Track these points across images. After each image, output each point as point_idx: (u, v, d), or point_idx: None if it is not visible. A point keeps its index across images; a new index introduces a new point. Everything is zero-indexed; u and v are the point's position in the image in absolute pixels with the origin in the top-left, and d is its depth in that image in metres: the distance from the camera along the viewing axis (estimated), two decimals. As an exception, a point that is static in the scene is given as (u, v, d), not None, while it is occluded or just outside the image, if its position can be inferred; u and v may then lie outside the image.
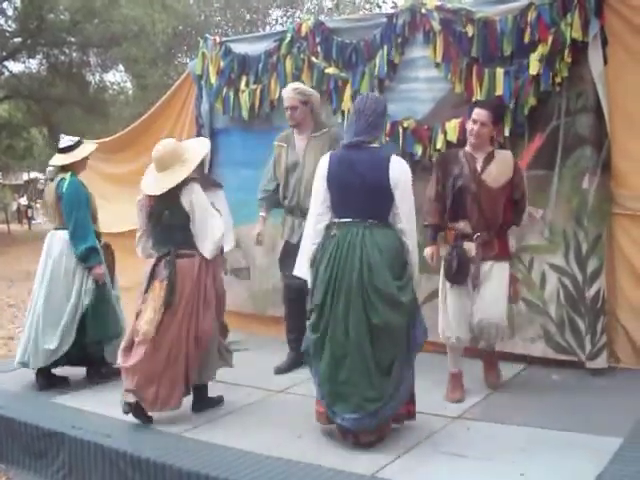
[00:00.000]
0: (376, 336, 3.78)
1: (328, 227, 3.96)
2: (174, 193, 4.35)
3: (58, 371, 5.40)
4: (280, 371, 5.38)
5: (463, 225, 4.50)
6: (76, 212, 5.19)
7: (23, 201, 37.50)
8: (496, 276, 4.50)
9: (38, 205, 39.45)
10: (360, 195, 3.87)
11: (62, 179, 5.28)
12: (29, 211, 34.24)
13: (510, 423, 4.09)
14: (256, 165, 5.68)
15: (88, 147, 5.50)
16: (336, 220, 3.95)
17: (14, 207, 35.83)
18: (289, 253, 5.17)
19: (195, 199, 4.38)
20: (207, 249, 4.40)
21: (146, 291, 4.39)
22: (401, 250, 3.91)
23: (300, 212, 5.15)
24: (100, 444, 4.07)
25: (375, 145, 4.04)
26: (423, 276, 5.34)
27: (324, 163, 4.02)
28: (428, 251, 4.67)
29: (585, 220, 4.93)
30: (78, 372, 5.52)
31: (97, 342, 5.31)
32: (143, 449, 3.93)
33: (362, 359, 3.77)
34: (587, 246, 4.94)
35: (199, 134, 6.93)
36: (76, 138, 5.49)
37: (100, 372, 5.46)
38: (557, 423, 4.02)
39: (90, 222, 5.30)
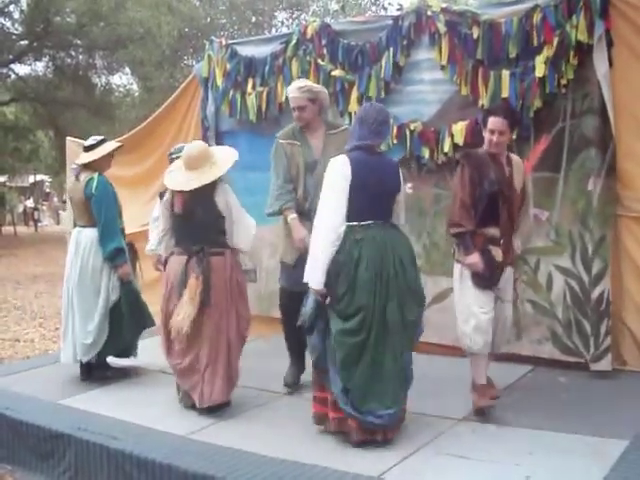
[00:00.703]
0: (405, 332, 3.96)
1: (350, 230, 3.95)
2: (208, 191, 4.54)
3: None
4: (290, 385, 5.05)
5: (494, 231, 4.30)
6: (105, 212, 5.31)
7: (29, 203, 37.62)
8: (509, 281, 4.45)
9: (44, 207, 39.68)
10: (382, 198, 4.04)
11: (91, 179, 5.35)
12: (35, 213, 34.34)
13: (516, 425, 4.09)
14: (263, 168, 5.66)
15: (109, 145, 5.57)
16: (356, 223, 3.95)
17: (20, 209, 35.94)
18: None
19: (231, 200, 4.64)
20: (245, 244, 4.71)
21: (180, 288, 4.52)
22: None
23: None
24: (106, 446, 4.08)
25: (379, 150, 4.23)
26: (429, 278, 5.35)
27: (345, 166, 3.96)
28: (475, 258, 4.23)
29: (590, 222, 4.93)
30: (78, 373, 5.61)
31: (136, 336, 5.56)
32: (149, 451, 3.93)
33: (394, 356, 3.92)
34: (592, 247, 4.94)
35: (205, 137, 6.94)
36: (100, 137, 5.61)
37: (106, 375, 5.51)
38: (563, 425, 4.02)
39: (117, 222, 5.44)
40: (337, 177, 3.97)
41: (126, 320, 5.41)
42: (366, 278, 3.87)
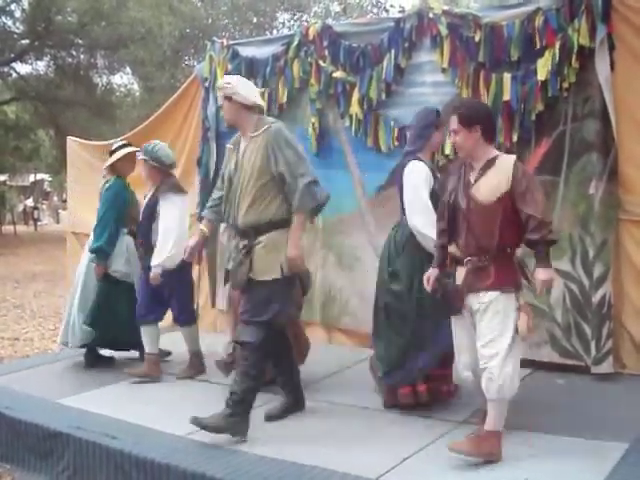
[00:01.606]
0: (390, 314, 4.53)
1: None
2: None
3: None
4: (271, 418, 4.49)
5: (453, 249, 3.80)
6: (104, 211, 5.60)
7: (29, 202, 37.61)
8: (491, 311, 3.57)
9: (44, 206, 39.66)
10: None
11: (108, 180, 5.71)
12: (35, 212, 34.33)
13: (515, 428, 4.08)
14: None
15: (123, 150, 5.75)
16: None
17: (20, 208, 35.94)
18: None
19: None
20: None
21: None
22: None
23: (235, 231, 4.28)
24: (105, 445, 4.08)
25: (419, 154, 4.46)
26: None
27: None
28: (425, 275, 3.95)
29: (592, 226, 4.93)
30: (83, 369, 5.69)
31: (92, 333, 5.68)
32: (148, 450, 3.93)
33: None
34: (593, 251, 4.94)
35: (205, 137, 6.95)
36: (122, 142, 5.94)
37: (109, 358, 5.90)
38: (562, 428, 4.02)
39: (112, 225, 5.59)
40: (421, 185, 4.34)
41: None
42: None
